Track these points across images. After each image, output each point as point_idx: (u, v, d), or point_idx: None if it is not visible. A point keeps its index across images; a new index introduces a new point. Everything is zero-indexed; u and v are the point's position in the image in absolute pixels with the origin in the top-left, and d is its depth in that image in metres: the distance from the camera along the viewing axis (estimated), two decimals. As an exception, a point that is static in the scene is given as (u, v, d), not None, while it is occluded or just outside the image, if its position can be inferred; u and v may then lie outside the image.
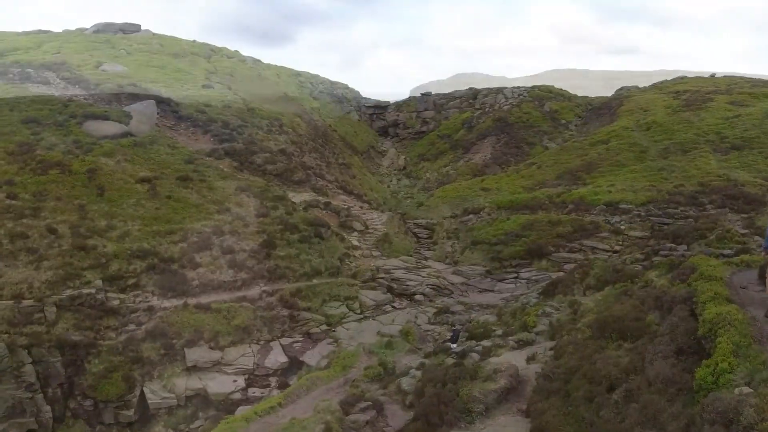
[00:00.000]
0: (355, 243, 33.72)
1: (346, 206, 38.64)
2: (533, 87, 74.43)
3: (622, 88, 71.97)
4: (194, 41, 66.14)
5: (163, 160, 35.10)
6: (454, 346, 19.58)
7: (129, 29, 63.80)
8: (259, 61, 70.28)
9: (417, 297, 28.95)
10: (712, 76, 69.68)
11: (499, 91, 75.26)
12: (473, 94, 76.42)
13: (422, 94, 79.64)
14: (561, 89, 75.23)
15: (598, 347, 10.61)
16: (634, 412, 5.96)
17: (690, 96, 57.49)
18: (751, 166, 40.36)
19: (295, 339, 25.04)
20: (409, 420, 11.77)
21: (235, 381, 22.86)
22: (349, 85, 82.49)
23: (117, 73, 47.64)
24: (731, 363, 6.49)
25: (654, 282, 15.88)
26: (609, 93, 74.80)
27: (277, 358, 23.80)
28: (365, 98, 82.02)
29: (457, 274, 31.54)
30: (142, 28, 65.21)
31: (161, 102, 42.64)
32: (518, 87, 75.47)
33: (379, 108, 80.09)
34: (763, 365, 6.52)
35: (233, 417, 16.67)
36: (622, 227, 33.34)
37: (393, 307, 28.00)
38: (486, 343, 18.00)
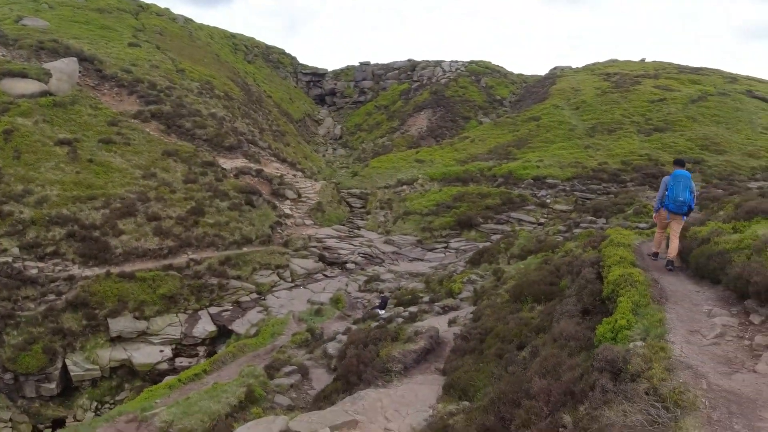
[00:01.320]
0: (288, 211, 33.36)
1: (279, 174, 37.99)
2: (471, 62, 75.28)
3: (556, 68, 73.99)
4: (121, -4, 62.32)
5: (85, 122, 33.37)
6: (383, 312, 19.92)
7: (49, -20, 59.31)
8: (190, 20, 67.28)
9: (348, 265, 29.11)
10: (642, 60, 72.64)
11: (438, 64, 75.75)
12: (412, 66, 76.58)
13: (360, 63, 79.04)
14: (497, 65, 76.51)
15: (513, 309, 11.09)
16: (535, 364, 6.30)
17: (619, 78, 59.81)
18: (672, 147, 42.56)
19: (224, 308, 24.70)
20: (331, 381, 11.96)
21: (161, 351, 22.43)
22: (287, 51, 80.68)
23: (38, 29, 44.37)
24: (629, 320, 6.86)
25: (573, 251, 16.63)
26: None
27: (205, 327, 23.44)
28: (302, 65, 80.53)
29: (389, 243, 31.87)
30: (64, -21, 60.78)
31: (84, 60, 40.24)
32: (456, 61, 76.12)
33: (317, 75, 78.97)
34: (659, 322, 6.95)
35: (156, 386, 16.35)
36: (548, 201, 34.60)
37: (324, 275, 28.05)
38: (413, 309, 18.40)
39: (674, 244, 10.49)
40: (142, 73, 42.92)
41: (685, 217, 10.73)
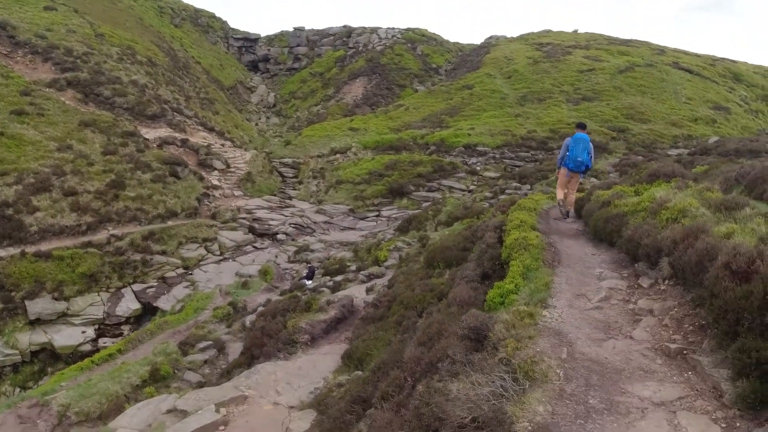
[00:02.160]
0: (216, 182, 32.44)
1: (206, 144, 36.73)
2: (407, 29, 74.76)
3: (491, 37, 74.44)
4: (32, -46, 57.77)
5: (-5, 92, 31.27)
6: (309, 282, 19.85)
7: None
8: (111, -19, 63.25)
9: (279, 236, 28.75)
10: (575, 31, 74.00)
11: (374, 30, 74.83)
12: (347, 32, 75.29)
13: (295, 29, 76.98)
14: (434, 33, 76.29)
15: (424, 276, 11.18)
16: (419, 332, 6.28)
17: (551, 48, 60.76)
18: (599, 116, 43.80)
19: (149, 284, 23.96)
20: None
21: (83, 332, 21.61)
22: (217, 14, 77.45)
23: (-57, -8, 40.76)
24: (518, 284, 6.83)
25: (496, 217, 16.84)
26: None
27: (128, 305, 22.70)
28: (234, 29, 77.58)
29: (321, 213, 31.64)
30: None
31: (-5, 26, 37.44)
32: (393, 28, 75.42)
33: (249, 41, 76.37)
34: (545, 286, 6.86)
35: (69, 368, 15.71)
36: (478, 168, 35.13)
37: (254, 247, 27.60)
38: (339, 278, 18.39)
39: (570, 199, 11.90)
40: (58, 39, 40.35)
41: (582, 176, 11.95)
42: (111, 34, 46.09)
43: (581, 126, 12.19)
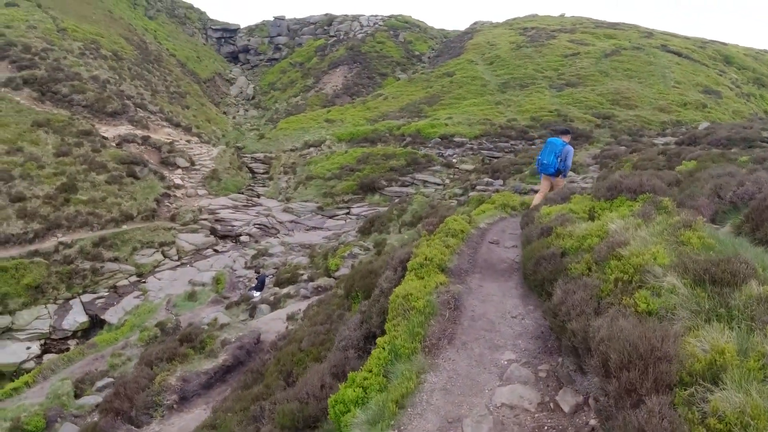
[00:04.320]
0: (179, 181, 30.92)
1: (169, 140, 35.14)
2: (390, 16, 72.96)
3: (476, 22, 72.69)
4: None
5: (-57, 91, 29.69)
6: (257, 294, 18.50)
7: None
8: (81, -28, 61.24)
9: (242, 238, 27.35)
10: (562, 15, 72.21)
11: (356, 18, 73.04)
12: (329, 20, 73.50)
13: (275, 18, 75.08)
14: (418, 20, 74.48)
15: (335, 309, 9.36)
16: None
17: (535, 33, 59.00)
18: (583, 102, 42.20)
19: (100, 294, 22.58)
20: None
21: (28, 348, 20.32)
22: (194, 5, 75.49)
23: None
24: (368, 387, 4.45)
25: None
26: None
27: (75, 318, 21.32)
28: (212, 20, 75.65)
29: (288, 211, 30.15)
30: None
31: (-52, 21, 35.75)
32: (375, 15, 73.62)
33: (228, 31, 74.54)
34: (396, 404, 4.18)
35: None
36: (454, 160, 33.60)
37: (215, 250, 26.20)
38: (284, 291, 17.00)
39: (536, 200, 11.64)
40: (16, 36, 38.67)
41: (554, 178, 11.72)
42: (74, 29, 44.32)
43: (561, 131, 12.04)
